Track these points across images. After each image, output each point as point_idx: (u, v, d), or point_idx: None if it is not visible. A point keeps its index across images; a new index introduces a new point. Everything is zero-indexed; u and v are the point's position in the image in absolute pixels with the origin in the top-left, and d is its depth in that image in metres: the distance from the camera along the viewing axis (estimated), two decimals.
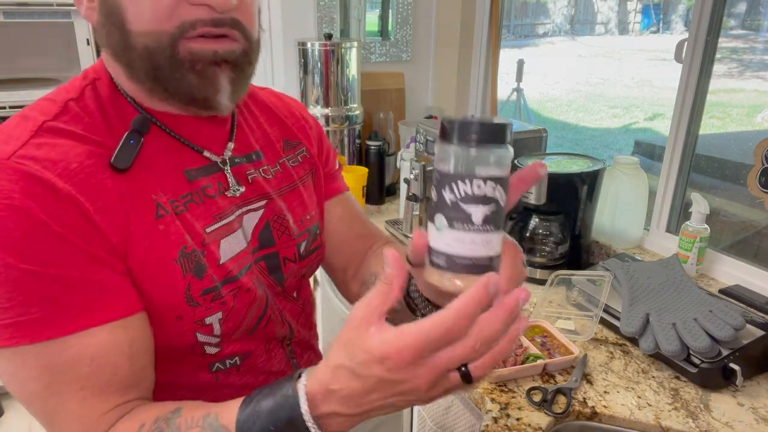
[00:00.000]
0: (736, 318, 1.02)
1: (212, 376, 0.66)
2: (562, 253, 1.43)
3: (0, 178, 0.50)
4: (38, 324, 0.50)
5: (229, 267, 0.64)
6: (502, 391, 0.99)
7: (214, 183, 0.65)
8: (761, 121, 2.36)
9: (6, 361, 0.51)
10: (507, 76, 3.01)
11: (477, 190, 0.41)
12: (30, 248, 0.50)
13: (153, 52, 0.55)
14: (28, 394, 0.52)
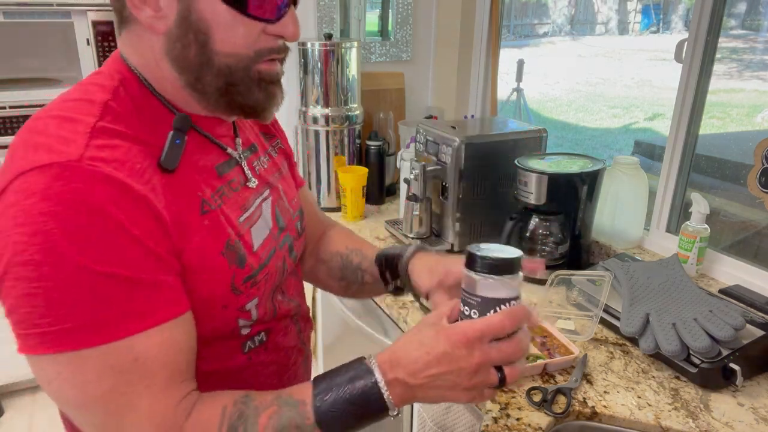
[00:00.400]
0: (736, 318, 1.02)
1: (246, 357, 0.70)
2: (562, 253, 1.43)
3: (74, 181, 0.50)
4: (105, 326, 0.51)
5: (260, 253, 0.69)
6: (502, 391, 0.99)
7: (236, 176, 0.69)
8: (761, 121, 2.36)
9: (61, 366, 0.50)
10: (507, 76, 3.01)
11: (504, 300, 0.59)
12: (106, 251, 0.50)
13: (233, 70, 0.61)
14: (87, 397, 0.52)
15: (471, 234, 1.58)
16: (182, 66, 0.61)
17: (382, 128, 2.13)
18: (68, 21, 1.98)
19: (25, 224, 0.49)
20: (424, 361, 0.56)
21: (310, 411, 0.57)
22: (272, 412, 0.57)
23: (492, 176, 1.55)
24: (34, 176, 0.50)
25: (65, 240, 0.49)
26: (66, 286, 0.49)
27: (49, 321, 0.49)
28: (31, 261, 0.48)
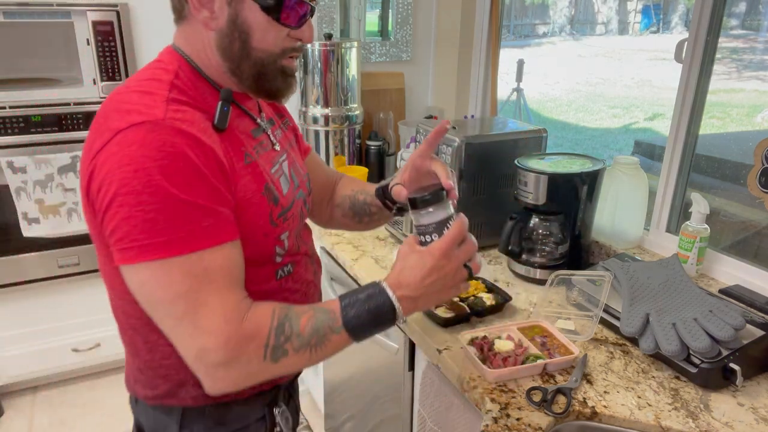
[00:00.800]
0: (736, 318, 1.02)
1: (278, 283, 0.87)
2: (562, 253, 1.43)
3: (162, 133, 0.68)
4: (184, 241, 0.67)
5: (288, 197, 0.88)
6: (502, 391, 0.99)
7: (265, 140, 0.88)
8: (761, 121, 2.36)
9: (154, 271, 0.67)
10: (507, 76, 3.01)
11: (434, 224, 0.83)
12: (187, 184, 0.68)
13: (264, 63, 0.79)
14: (172, 295, 0.68)
15: (471, 234, 1.58)
16: (227, 56, 0.79)
17: (382, 128, 2.13)
18: (68, 21, 1.98)
19: (129, 164, 0.66)
20: (421, 277, 0.78)
21: (338, 317, 0.76)
22: (310, 316, 0.76)
23: (492, 176, 1.55)
24: (132, 131, 0.68)
25: (159, 174, 0.66)
26: (159, 209, 0.66)
27: (145, 236, 0.66)
28: (133, 191, 0.65)
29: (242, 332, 0.70)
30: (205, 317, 0.69)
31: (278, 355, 0.73)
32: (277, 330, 0.73)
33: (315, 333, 0.75)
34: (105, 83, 2.08)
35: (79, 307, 2.34)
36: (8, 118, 2.00)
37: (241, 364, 0.71)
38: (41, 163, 2.02)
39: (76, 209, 2.12)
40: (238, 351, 0.70)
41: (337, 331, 0.75)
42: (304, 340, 0.74)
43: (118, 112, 0.71)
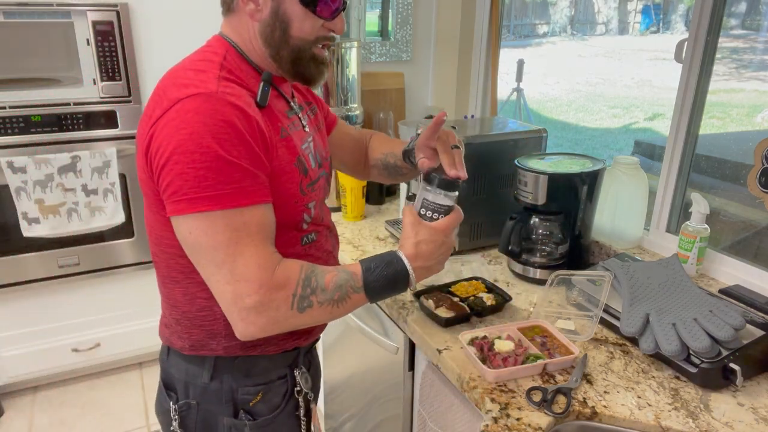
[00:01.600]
0: (736, 318, 1.02)
1: (302, 248, 0.96)
2: (562, 253, 1.43)
3: (215, 104, 0.77)
4: (227, 197, 0.77)
5: (315, 171, 0.97)
6: (502, 391, 0.99)
7: (297, 120, 0.97)
8: (761, 121, 2.36)
9: (200, 222, 0.77)
10: (507, 76, 3.01)
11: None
12: (233, 146, 0.77)
13: (300, 50, 0.89)
14: (215, 243, 0.77)
15: (471, 234, 1.58)
16: (269, 43, 0.89)
17: (382, 128, 2.13)
18: (68, 21, 1.98)
19: (186, 128, 0.76)
20: (433, 250, 0.90)
21: (360, 279, 0.86)
22: (334, 275, 0.85)
23: (492, 176, 1.55)
24: (189, 101, 0.77)
25: (210, 138, 0.75)
26: (208, 168, 0.75)
27: (195, 190, 0.76)
28: (187, 150, 0.75)
29: (274, 280, 0.79)
30: (241, 265, 0.78)
31: (304, 305, 0.81)
32: (305, 282, 0.82)
33: (338, 289, 0.84)
34: (105, 83, 2.08)
35: (79, 307, 2.34)
36: (8, 118, 2.00)
37: (270, 310, 0.79)
38: (41, 163, 2.02)
39: (76, 209, 2.12)
40: (269, 297, 0.79)
41: (358, 291, 0.85)
42: (327, 294, 0.83)
43: (175, 85, 0.81)
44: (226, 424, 0.97)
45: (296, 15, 0.87)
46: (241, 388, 0.96)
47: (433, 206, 0.94)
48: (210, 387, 0.95)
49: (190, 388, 0.96)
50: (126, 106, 2.14)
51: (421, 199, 0.95)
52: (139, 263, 2.35)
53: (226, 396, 0.96)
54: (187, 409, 0.97)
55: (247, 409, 0.97)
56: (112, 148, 2.12)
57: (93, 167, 2.10)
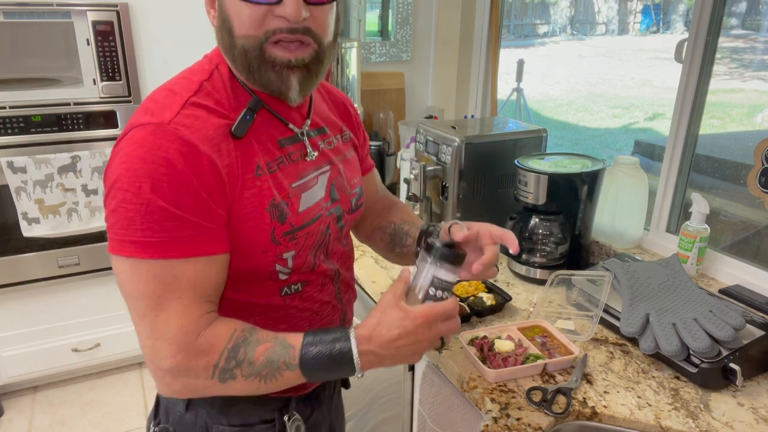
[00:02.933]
0: (736, 318, 1.02)
1: (281, 300, 0.85)
2: (562, 253, 1.43)
3: (160, 137, 0.69)
4: (155, 246, 0.68)
5: (304, 215, 0.83)
6: (502, 391, 0.99)
7: (297, 150, 0.84)
8: (761, 121, 2.36)
9: (126, 266, 0.70)
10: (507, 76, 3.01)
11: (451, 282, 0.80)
12: (171, 190, 0.68)
13: (248, 50, 0.74)
14: (138, 292, 0.70)
15: None
16: (225, 52, 0.77)
17: (382, 128, 2.14)
18: (68, 21, 1.98)
19: (126, 162, 0.68)
20: (395, 337, 0.74)
21: (296, 355, 0.74)
22: (268, 346, 0.74)
23: (492, 176, 1.55)
24: (139, 131, 0.70)
25: (146, 178, 0.67)
26: (138, 211, 0.67)
27: (123, 232, 0.68)
28: (122, 188, 0.68)
29: (195, 346, 0.71)
30: (163, 322, 0.70)
31: (226, 377, 0.72)
32: (230, 352, 0.72)
33: (268, 365, 0.73)
34: (105, 83, 2.08)
35: (79, 307, 2.34)
36: (8, 118, 2.00)
37: (188, 377, 0.72)
38: (41, 163, 2.02)
39: (76, 209, 2.12)
40: (186, 364, 0.71)
41: (292, 368, 0.73)
42: (254, 369, 0.73)
43: (143, 108, 0.74)
44: None
45: (233, 7, 0.72)
46: (216, 426, 0.87)
47: (441, 284, 0.78)
48: (185, 418, 0.88)
49: (170, 414, 0.90)
50: (126, 106, 2.14)
51: (422, 279, 0.79)
52: None
53: (200, 430, 0.87)
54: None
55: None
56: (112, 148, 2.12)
57: (93, 167, 2.10)
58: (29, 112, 2.02)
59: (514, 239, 0.85)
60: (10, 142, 2.01)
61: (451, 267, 0.77)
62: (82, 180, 2.10)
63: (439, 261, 0.77)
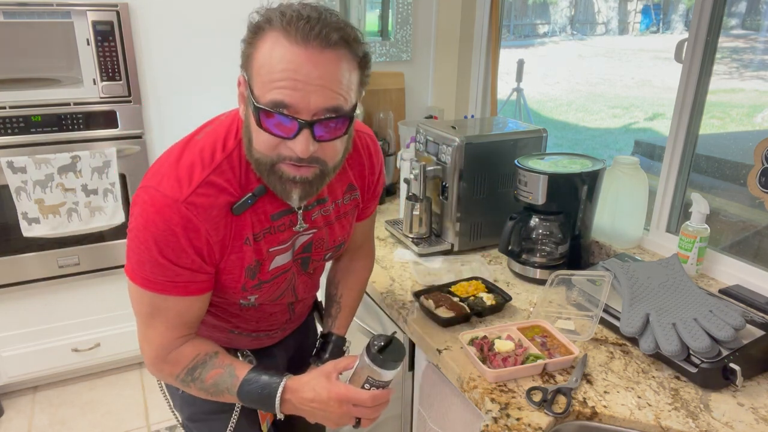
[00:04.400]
0: (736, 318, 1.02)
1: (239, 307, 1.04)
2: (562, 253, 1.43)
3: (174, 212, 0.83)
4: (157, 284, 0.87)
5: (273, 272, 0.99)
6: (502, 391, 0.99)
7: (287, 221, 0.96)
8: (761, 121, 2.36)
9: (134, 289, 0.89)
10: (507, 76, 3.01)
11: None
12: (173, 253, 0.85)
13: (261, 162, 0.84)
14: (138, 309, 0.91)
15: (471, 234, 1.58)
16: (246, 150, 0.87)
17: (382, 128, 2.14)
18: (68, 21, 1.98)
19: (141, 217, 0.84)
20: (310, 399, 0.92)
21: (236, 386, 0.93)
22: (219, 372, 0.94)
23: (492, 176, 1.55)
24: (160, 197, 0.84)
25: (153, 240, 0.84)
26: (147, 259, 0.85)
27: (134, 267, 0.87)
28: (136, 237, 0.85)
29: (167, 358, 0.93)
30: (150, 335, 0.92)
31: (184, 385, 0.96)
32: (189, 370, 0.94)
33: (214, 386, 0.94)
34: (105, 83, 2.08)
35: (79, 307, 2.34)
36: (8, 118, 2.00)
37: (162, 374, 0.96)
38: (41, 163, 2.02)
39: (76, 209, 2.12)
40: (158, 367, 0.95)
41: (232, 393, 0.93)
42: (204, 386, 0.94)
43: (170, 167, 0.86)
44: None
45: (254, 127, 0.81)
46: None
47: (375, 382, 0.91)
48: None
49: None
50: (126, 106, 2.14)
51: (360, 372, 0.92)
52: None
53: None
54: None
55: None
56: (112, 148, 2.12)
57: (93, 167, 2.10)
58: (29, 112, 2.02)
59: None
60: (10, 142, 2.01)
61: (381, 370, 0.89)
62: (82, 180, 2.10)
63: (372, 362, 0.89)
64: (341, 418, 0.93)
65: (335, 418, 0.92)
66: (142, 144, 2.20)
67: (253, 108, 0.79)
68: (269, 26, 0.78)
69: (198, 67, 2.21)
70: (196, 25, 2.18)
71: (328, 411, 0.91)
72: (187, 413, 1.15)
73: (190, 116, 2.28)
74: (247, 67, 0.81)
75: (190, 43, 2.18)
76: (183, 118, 2.25)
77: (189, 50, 2.19)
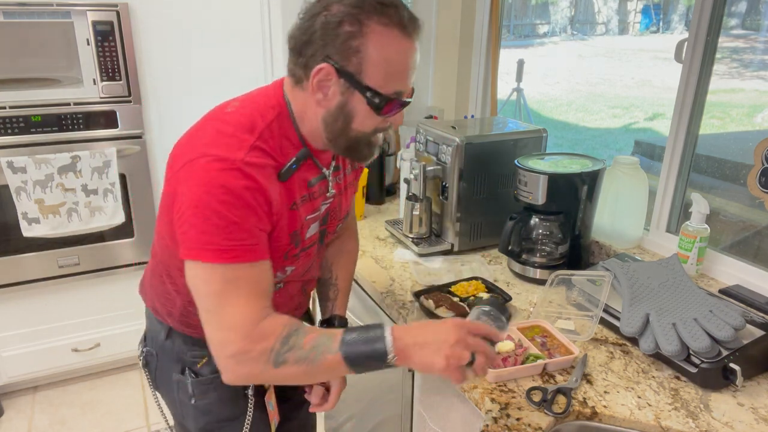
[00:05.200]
0: (736, 318, 1.02)
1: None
2: (562, 253, 1.43)
3: (235, 172, 0.84)
4: (228, 253, 0.83)
5: (308, 242, 1.02)
6: (502, 391, 0.99)
7: (320, 188, 1.01)
8: (761, 121, 2.36)
9: (200, 269, 0.84)
10: (507, 76, 3.01)
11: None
12: (239, 210, 0.83)
13: (359, 139, 0.93)
14: (209, 290, 0.85)
15: (471, 234, 1.58)
16: (328, 129, 0.92)
17: None
18: (68, 21, 1.98)
19: (204, 186, 0.83)
20: (424, 324, 0.88)
21: (338, 340, 0.86)
22: (314, 336, 0.86)
23: (492, 176, 1.55)
24: (215, 161, 0.84)
25: (223, 197, 0.82)
26: (216, 225, 0.82)
27: (202, 243, 0.83)
28: (201, 206, 0.83)
29: (256, 332, 0.84)
30: (229, 314, 0.84)
31: (279, 361, 0.84)
32: (284, 339, 0.85)
33: (314, 350, 0.85)
34: (105, 83, 2.08)
35: (79, 307, 2.34)
36: (8, 118, 2.00)
37: (249, 361, 0.84)
38: (41, 163, 2.02)
39: (76, 209, 2.12)
40: (249, 347, 0.83)
41: (333, 352, 0.85)
42: (302, 353, 0.85)
43: (215, 135, 0.88)
44: (174, 379, 1.09)
45: (361, 112, 0.90)
46: (190, 351, 1.08)
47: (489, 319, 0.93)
48: (165, 345, 1.09)
49: (154, 341, 1.12)
50: (126, 106, 2.14)
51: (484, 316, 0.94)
52: (139, 263, 2.35)
53: (177, 356, 1.08)
54: (150, 356, 1.13)
55: (193, 369, 1.08)
56: (112, 148, 2.12)
57: (93, 167, 2.10)
58: (29, 112, 2.02)
59: None
60: (10, 142, 2.01)
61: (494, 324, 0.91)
62: (82, 180, 2.10)
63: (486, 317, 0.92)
64: (455, 348, 0.82)
65: (448, 348, 0.82)
66: (142, 144, 2.20)
67: (369, 95, 0.87)
68: (375, 17, 0.87)
69: (198, 67, 2.21)
70: (196, 24, 2.18)
71: (443, 338, 0.83)
72: (202, 423, 1.10)
73: (190, 116, 2.27)
74: (349, 58, 0.85)
75: (190, 43, 2.18)
76: (183, 118, 2.24)
77: (189, 50, 2.19)
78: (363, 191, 1.83)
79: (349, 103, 0.89)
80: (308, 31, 0.87)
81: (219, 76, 2.22)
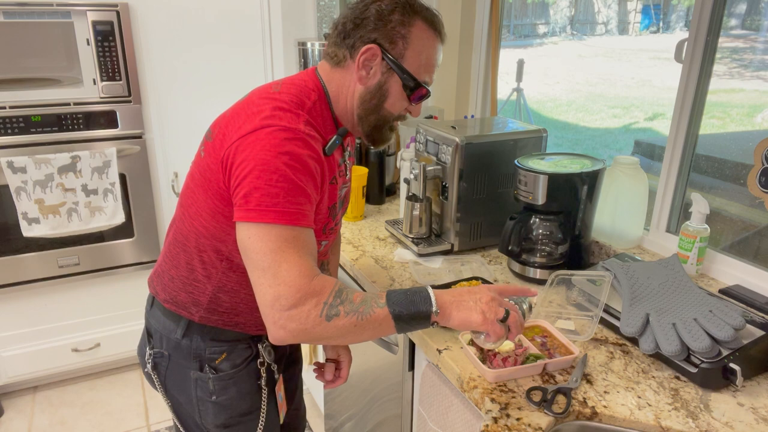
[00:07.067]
0: (736, 318, 1.02)
1: None
2: (562, 253, 1.43)
3: (298, 141, 0.91)
4: (288, 215, 0.88)
5: (339, 217, 1.13)
6: (502, 391, 0.99)
7: (342, 170, 1.10)
8: (761, 121, 2.36)
9: (257, 230, 0.88)
10: (507, 76, 3.01)
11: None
12: (303, 176, 0.90)
13: (385, 119, 1.05)
14: (266, 248, 0.88)
15: (471, 234, 1.58)
16: (363, 106, 1.03)
17: None
18: (68, 21, 1.98)
19: (270, 150, 0.89)
20: (460, 293, 0.95)
21: (383, 296, 0.92)
22: (362, 293, 0.92)
23: (492, 176, 1.55)
24: (278, 130, 0.91)
25: (289, 161, 0.89)
26: (281, 188, 0.88)
27: (264, 205, 0.88)
28: (267, 169, 0.88)
29: (311, 287, 0.87)
30: (285, 270, 0.87)
31: (332, 314, 0.88)
32: (336, 293, 0.89)
33: (363, 303, 0.90)
34: (105, 83, 2.08)
35: (79, 307, 2.34)
36: (8, 118, 2.00)
37: (302, 316, 0.86)
38: (41, 163, 2.02)
39: (76, 209, 2.12)
40: (303, 300, 0.86)
41: (381, 305, 0.90)
42: (354, 306, 0.89)
43: (273, 109, 0.94)
44: (192, 377, 1.10)
45: (395, 93, 1.02)
46: (209, 348, 1.09)
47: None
48: (181, 343, 1.09)
49: (164, 341, 1.10)
50: (126, 106, 2.14)
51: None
52: (139, 263, 2.35)
53: (195, 353, 1.09)
54: (160, 357, 1.12)
55: (213, 366, 1.09)
56: (112, 148, 2.12)
57: (93, 167, 2.10)
58: (29, 112, 2.02)
59: None
60: (10, 142, 2.02)
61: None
62: (82, 180, 2.10)
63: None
64: (491, 304, 0.92)
65: (483, 304, 0.92)
66: (142, 144, 2.20)
67: (406, 77, 1.00)
68: (420, 15, 0.99)
69: (198, 67, 2.21)
70: (196, 24, 2.18)
71: (478, 297, 0.93)
72: (222, 419, 1.12)
73: (190, 116, 2.29)
74: (395, 44, 0.98)
75: (190, 43, 2.18)
76: (183, 118, 2.25)
77: (189, 50, 2.19)
78: (363, 191, 1.83)
79: (387, 82, 1.01)
80: (361, 16, 0.98)
81: (219, 75, 2.22)
